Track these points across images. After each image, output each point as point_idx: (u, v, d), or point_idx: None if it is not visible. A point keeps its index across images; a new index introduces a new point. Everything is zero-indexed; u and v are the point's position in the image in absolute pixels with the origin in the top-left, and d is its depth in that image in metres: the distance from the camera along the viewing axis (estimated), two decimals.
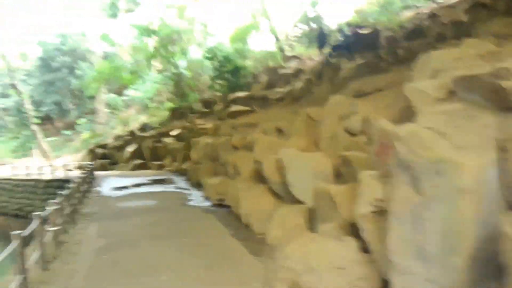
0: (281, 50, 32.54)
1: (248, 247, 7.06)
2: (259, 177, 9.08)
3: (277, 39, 33.26)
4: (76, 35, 42.80)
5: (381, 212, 4.51)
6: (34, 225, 5.49)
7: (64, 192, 8.45)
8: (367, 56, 18.52)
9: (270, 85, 26.31)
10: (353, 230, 5.31)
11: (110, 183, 16.51)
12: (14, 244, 4.43)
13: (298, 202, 7.25)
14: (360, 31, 23.62)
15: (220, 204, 11.21)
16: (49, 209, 6.71)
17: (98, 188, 15.51)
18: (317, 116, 9.42)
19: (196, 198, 12.86)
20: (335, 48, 24.09)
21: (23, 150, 38.74)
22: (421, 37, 18.37)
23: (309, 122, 9.53)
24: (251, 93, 24.94)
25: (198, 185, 14.54)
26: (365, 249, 4.88)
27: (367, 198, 4.61)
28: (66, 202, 8.44)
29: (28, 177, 22.36)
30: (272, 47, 33.98)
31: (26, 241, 5.16)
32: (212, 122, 20.55)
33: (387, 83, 11.39)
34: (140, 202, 12.15)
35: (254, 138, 9.87)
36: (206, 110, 26.25)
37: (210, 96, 29.33)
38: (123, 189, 15.09)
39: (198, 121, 22.61)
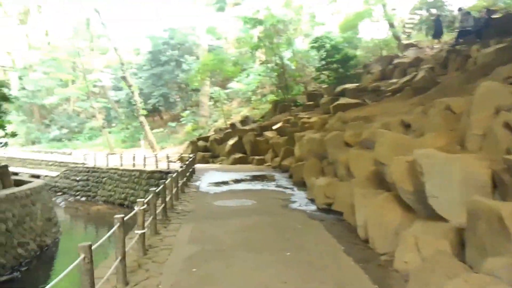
0: (397, 38, 30.05)
1: (369, 272, 5.61)
2: (381, 182, 7.53)
3: (392, 26, 30.77)
4: (184, 29, 44.31)
5: None
6: (113, 230, 4.71)
7: (158, 189, 7.78)
8: (504, 41, 16.05)
9: (383, 76, 24.29)
10: None
11: (209, 177, 16.07)
12: (79, 259, 3.61)
13: (439, 218, 5.59)
14: (493, 16, 21.01)
15: (327, 209, 9.89)
16: (136, 209, 5.95)
17: (196, 183, 15.12)
18: (460, 108, 7.56)
19: (300, 199, 11.69)
20: (462, 34, 21.41)
21: (132, 141, 41.22)
22: None
23: (448, 115, 7.70)
24: (361, 85, 23.14)
25: (301, 184, 13.44)
26: None
27: None
28: (159, 200, 7.78)
29: (133, 167, 23.18)
30: (386, 35, 31.63)
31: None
32: (318, 115, 19.18)
33: None
34: (238, 201, 11.29)
35: (374, 134, 8.29)
36: (310, 103, 24.95)
37: (315, 88, 28.02)
38: (222, 185, 14.50)
39: (302, 115, 21.42)
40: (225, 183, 15.07)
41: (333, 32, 29.69)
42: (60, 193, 28.32)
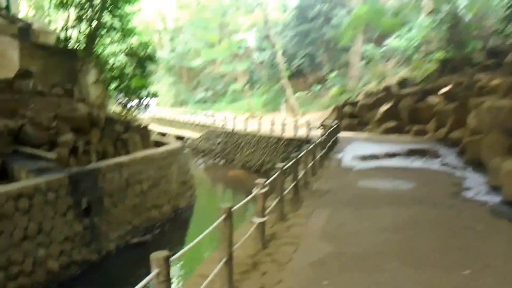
0: None
1: None
2: None
3: None
4: None
5: None
6: (217, 223, 3.66)
7: (286, 165, 6.55)
8: None
9: None
10: None
11: (354, 149, 14.43)
12: (152, 275, 2.56)
13: None
14: None
15: None
16: (255, 192, 4.82)
17: (338, 155, 13.61)
18: None
19: (476, 186, 9.48)
20: None
21: (273, 104, 41.07)
22: None
23: None
24: None
25: (477, 165, 11.13)
26: None
27: None
28: (289, 177, 6.56)
29: (271, 134, 22.76)
30: None
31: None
32: (503, 77, 15.78)
33: None
34: (390, 184, 9.51)
35: None
36: (491, 61, 21.03)
37: (498, 43, 23.61)
38: (369, 160, 12.80)
39: (480, 76, 18.02)
40: (373, 157, 13.36)
41: None
42: (201, 155, 29.59)
